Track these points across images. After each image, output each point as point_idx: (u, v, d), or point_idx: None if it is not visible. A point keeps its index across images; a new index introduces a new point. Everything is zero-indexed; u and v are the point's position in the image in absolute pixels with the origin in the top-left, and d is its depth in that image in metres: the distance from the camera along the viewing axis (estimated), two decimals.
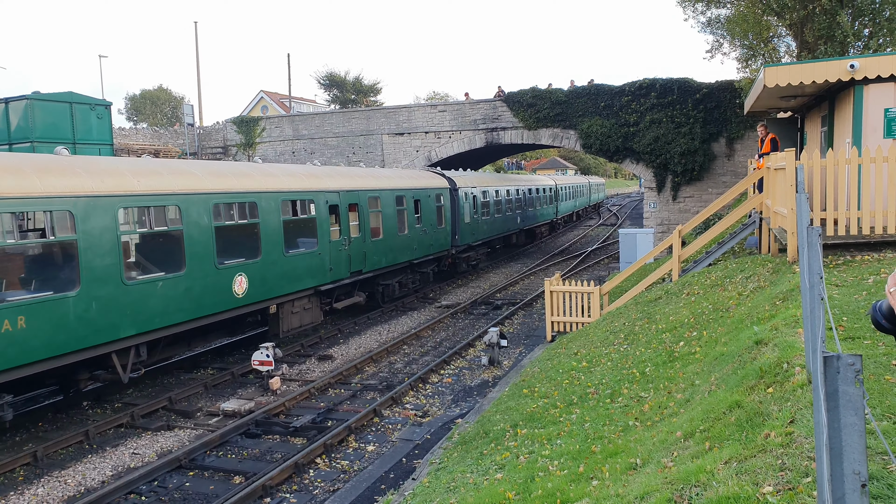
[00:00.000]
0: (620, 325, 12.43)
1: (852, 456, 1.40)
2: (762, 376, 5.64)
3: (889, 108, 10.76)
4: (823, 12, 18.61)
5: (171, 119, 67.37)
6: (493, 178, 30.61)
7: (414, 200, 21.03)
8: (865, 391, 1.50)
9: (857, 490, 1.40)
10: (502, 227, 30.29)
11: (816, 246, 2.96)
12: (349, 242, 17.14)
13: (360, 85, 63.44)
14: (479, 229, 26.58)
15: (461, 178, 25.51)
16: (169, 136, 36.30)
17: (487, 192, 28.00)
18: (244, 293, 13.41)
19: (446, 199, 23.67)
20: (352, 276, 17.47)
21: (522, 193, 33.86)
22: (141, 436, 10.83)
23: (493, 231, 28.62)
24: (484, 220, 27.39)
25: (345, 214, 17.13)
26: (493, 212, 28.73)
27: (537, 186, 37.88)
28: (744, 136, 25.28)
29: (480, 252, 27.81)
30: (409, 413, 11.68)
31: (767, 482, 3.70)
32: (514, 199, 32.02)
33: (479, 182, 27.51)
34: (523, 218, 34.00)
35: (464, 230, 24.76)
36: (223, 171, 13.94)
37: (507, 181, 32.62)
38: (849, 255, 9.68)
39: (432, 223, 22.11)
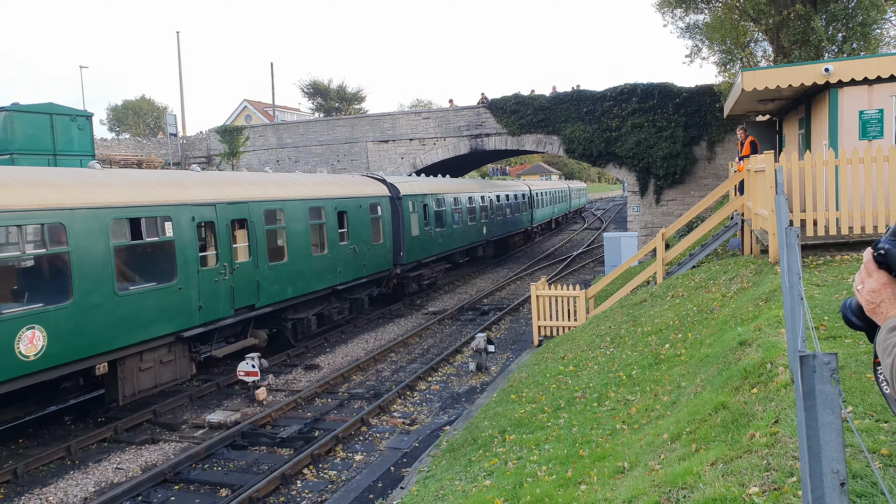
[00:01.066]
0: (606, 328, 12.48)
1: (830, 454, 1.41)
2: (746, 377, 5.69)
3: (863, 111, 10.94)
4: (798, 18, 18.90)
5: (153, 129, 66.92)
6: (450, 183, 27.07)
7: (337, 212, 17.42)
8: (842, 390, 1.51)
9: (837, 489, 1.41)
10: (464, 239, 27.03)
11: (795, 246, 2.99)
12: (231, 270, 13.26)
13: (344, 93, 63.41)
14: (432, 243, 23.17)
15: (407, 185, 22.21)
16: (152, 146, 36.05)
17: (443, 199, 24.86)
18: (39, 353, 9.52)
19: (386, 209, 20.11)
20: (238, 313, 13.68)
21: (489, 201, 30.66)
22: (125, 450, 10.69)
23: (451, 244, 25.40)
24: (439, 232, 23.92)
25: (225, 234, 13.29)
26: (452, 222, 25.49)
27: (508, 193, 34.59)
28: (724, 139, 25.55)
29: (437, 269, 24.59)
30: (397, 421, 11.64)
31: (753, 483, 3.73)
32: (478, 207, 28.81)
33: (431, 188, 24.23)
34: (491, 227, 30.77)
35: (411, 245, 21.23)
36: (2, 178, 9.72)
37: (470, 187, 29.21)
38: (829, 254, 9.80)
39: (365, 239, 18.63)
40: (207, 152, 34.11)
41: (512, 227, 34.80)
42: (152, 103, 75.69)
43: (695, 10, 23.99)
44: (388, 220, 20.28)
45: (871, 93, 11.10)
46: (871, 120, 11.13)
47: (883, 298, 1.42)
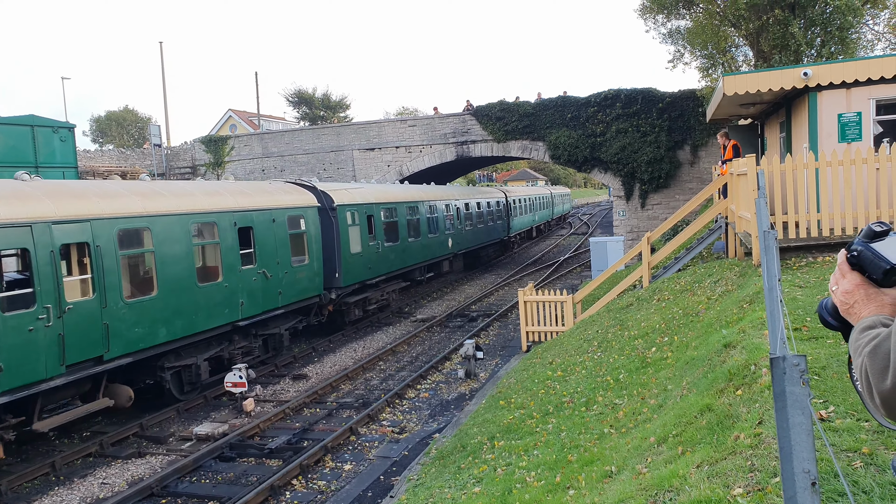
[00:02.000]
0: (594, 332, 12.53)
1: (801, 454, 1.44)
2: (731, 379, 5.73)
3: (842, 114, 11.10)
4: (777, 23, 19.16)
5: (137, 140, 66.55)
6: (406, 191, 24.20)
7: (239, 229, 13.97)
8: (811, 391, 1.54)
9: (808, 488, 1.43)
10: (424, 254, 23.96)
11: (773, 249, 3.04)
12: (59, 313, 9.87)
13: (329, 101, 63.43)
14: (380, 260, 20.12)
15: (345, 192, 18.90)
16: (136, 157, 35.84)
17: (396, 209, 21.80)
18: None
19: (313, 222, 16.84)
20: (75, 369, 10.25)
21: (456, 209, 27.68)
22: (111, 464, 10.58)
23: (407, 260, 22.33)
24: (390, 247, 20.85)
25: (48, 266, 9.77)
26: (407, 235, 22.35)
27: (480, 200, 31.60)
28: (708, 143, 25.80)
29: (389, 289, 21.55)
30: (387, 430, 11.61)
31: (738, 484, 3.76)
32: (441, 217, 25.88)
33: (379, 196, 21.06)
34: (459, 239, 27.94)
35: (351, 264, 18.18)
36: None
37: (433, 194, 26.22)
38: (811, 256, 9.91)
39: (282, 260, 15.27)
40: (192, 162, 33.96)
41: (485, 237, 31.88)
42: (136, 114, 75.25)
43: (676, 15, 24.27)
44: (317, 235, 16.89)
45: (850, 96, 11.27)
46: (850, 123, 11.29)
47: (856, 299, 1.45)
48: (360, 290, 19.27)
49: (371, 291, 20.05)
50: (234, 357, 14.06)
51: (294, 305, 15.99)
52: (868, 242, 1.46)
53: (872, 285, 1.44)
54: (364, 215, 19.41)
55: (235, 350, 14.23)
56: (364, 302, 19.75)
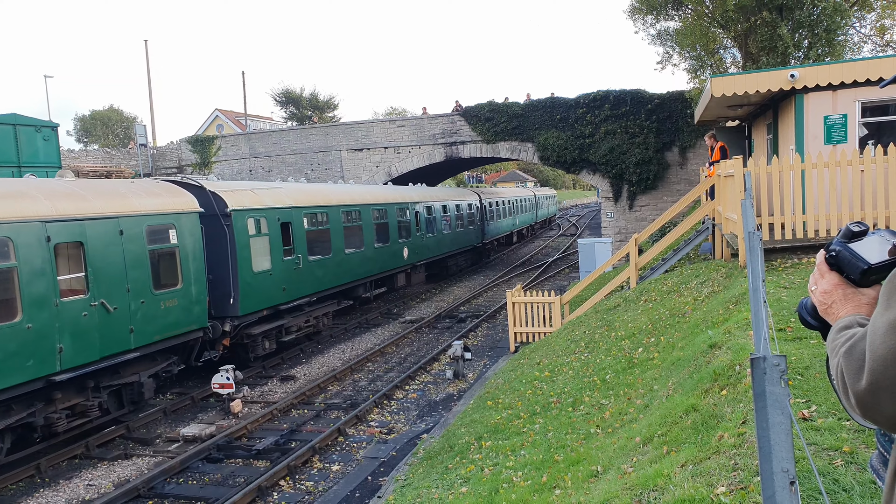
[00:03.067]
0: (581, 333, 12.58)
1: (780, 454, 1.45)
2: (716, 379, 5.77)
3: (828, 116, 11.20)
4: (765, 25, 19.31)
5: (123, 140, 66.06)
6: (338, 191, 19.77)
7: (56, 245, 10.16)
8: (790, 391, 1.55)
9: (786, 487, 1.45)
10: (368, 267, 20.09)
11: (757, 250, 3.06)
12: None
13: (317, 101, 63.25)
14: (300, 279, 16.28)
15: (246, 194, 14.87)
16: (121, 157, 35.57)
17: (326, 214, 17.87)
18: None
19: (191, 233, 12.87)
20: None
21: (415, 214, 24.28)
22: (97, 466, 10.50)
23: (342, 276, 18.43)
24: (316, 262, 17.08)
25: None
26: (343, 246, 18.56)
27: (448, 203, 28.06)
28: (696, 144, 25.95)
29: (317, 313, 17.36)
30: (375, 430, 11.59)
31: (721, 483, 3.79)
32: (394, 224, 22.18)
33: (300, 198, 16.93)
34: (419, 248, 24.41)
35: (252, 287, 14.34)
36: None
37: (382, 196, 22.14)
38: (796, 257, 9.99)
39: (136, 286, 11.49)
40: (179, 162, 33.76)
41: (454, 244, 28.61)
42: (121, 113, 74.70)
43: (665, 17, 24.40)
44: (197, 250, 12.97)
45: (836, 98, 11.36)
46: (836, 125, 11.39)
47: (834, 299, 1.46)
48: (271, 317, 15.42)
49: (289, 317, 16.09)
50: (57, 422, 10.34)
51: (159, 345, 12.11)
52: (846, 243, 1.48)
53: (850, 285, 1.46)
54: (276, 223, 15.46)
55: (58, 412, 10.38)
56: (279, 331, 15.73)
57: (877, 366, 1.16)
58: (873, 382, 1.16)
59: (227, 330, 13.82)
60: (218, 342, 13.99)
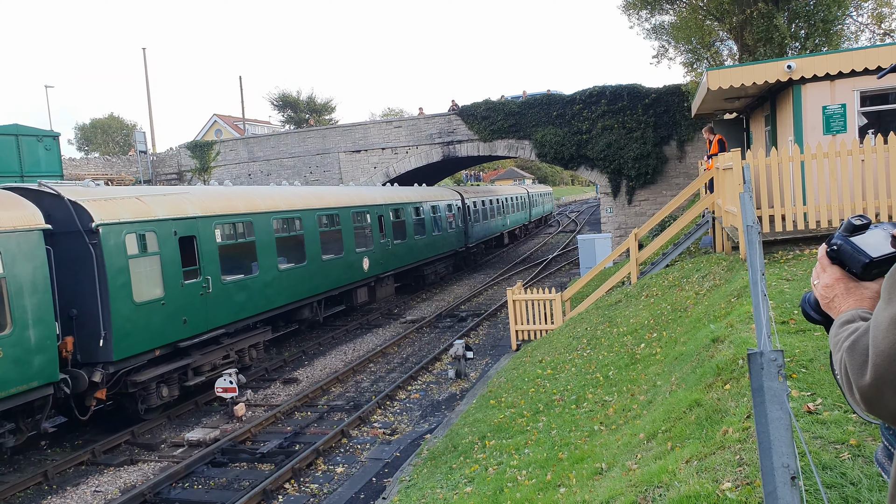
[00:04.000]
0: (583, 330, 12.55)
1: (780, 449, 1.43)
2: (719, 373, 5.75)
3: (826, 106, 11.17)
4: (761, 16, 19.28)
5: (123, 147, 66.12)
6: (274, 195, 16.46)
7: None
8: (788, 385, 1.53)
9: (787, 482, 1.43)
10: (312, 285, 17.04)
11: (756, 243, 3.05)
12: None
13: (314, 104, 63.22)
14: (209, 306, 13.11)
15: (125, 203, 11.76)
16: (122, 164, 35.57)
17: (249, 225, 14.77)
18: None
19: (26, 259, 9.90)
20: None
21: (378, 218, 21.22)
22: (103, 472, 10.49)
23: (273, 299, 15.39)
24: (234, 283, 13.93)
25: None
26: (274, 262, 15.42)
27: (422, 204, 25.18)
28: (694, 138, 25.91)
29: (242, 345, 14.33)
30: (378, 432, 11.58)
31: (726, 478, 3.76)
32: (349, 230, 19.12)
33: (209, 205, 13.73)
34: (385, 256, 21.27)
35: (132, 322, 11.34)
36: None
37: (328, 199, 18.62)
38: (797, 249, 9.96)
39: None
40: (178, 168, 33.76)
41: (430, 250, 25.82)
42: (121, 121, 74.75)
43: (660, 11, 24.40)
44: (40, 280, 10.03)
45: (834, 88, 11.32)
46: (835, 115, 11.35)
47: (836, 293, 1.45)
48: (169, 358, 12.36)
49: (198, 355, 12.99)
50: None
51: None
52: (848, 236, 1.46)
53: (852, 279, 1.44)
54: (171, 238, 12.29)
55: None
56: (181, 374, 12.67)
57: (880, 360, 1.14)
58: (877, 377, 1.15)
59: (96, 380, 10.67)
60: (88, 396, 10.90)
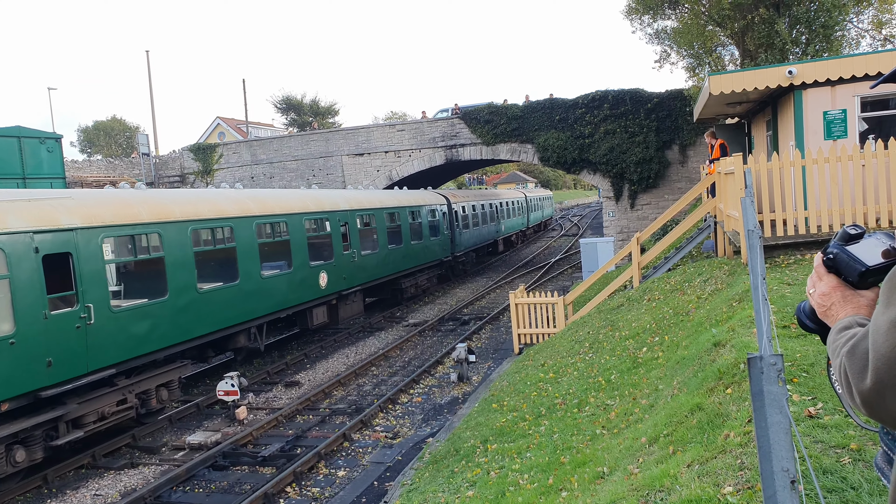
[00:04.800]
0: (585, 333, 12.55)
1: (780, 453, 1.44)
2: (721, 377, 5.75)
3: (827, 111, 11.18)
4: (762, 21, 19.31)
5: (126, 150, 66.29)
6: (185, 199, 13.35)
7: None
8: (787, 390, 1.55)
9: (787, 487, 1.44)
10: (245, 308, 14.07)
11: (757, 248, 3.06)
12: None
13: (318, 107, 63.39)
14: (88, 344, 10.22)
15: None
16: (124, 166, 35.67)
17: (157, 237, 12.03)
18: None
19: None
20: None
21: (340, 227, 18.51)
22: (103, 476, 10.51)
23: (191, 326, 12.45)
24: (129, 311, 11.21)
25: None
26: (186, 283, 12.37)
27: (398, 210, 22.51)
28: (696, 142, 25.92)
29: (147, 385, 11.76)
30: (380, 435, 11.58)
31: (728, 482, 3.77)
32: (301, 242, 16.37)
33: (95, 213, 10.76)
34: (350, 270, 18.68)
35: None
36: None
37: (264, 204, 15.46)
38: (799, 253, 9.97)
39: None
40: (181, 171, 33.83)
41: (408, 261, 23.15)
42: (124, 123, 74.98)
43: (662, 16, 24.43)
44: None
45: (835, 93, 11.35)
46: (835, 120, 11.37)
47: (833, 301, 1.46)
48: (29, 410, 9.59)
49: (74, 403, 10.16)
50: None
51: None
52: (843, 245, 1.48)
53: (849, 287, 1.45)
54: (31, 256, 9.43)
55: None
56: (50, 430, 9.97)
57: (881, 364, 1.15)
58: (878, 381, 1.16)
59: None
60: None
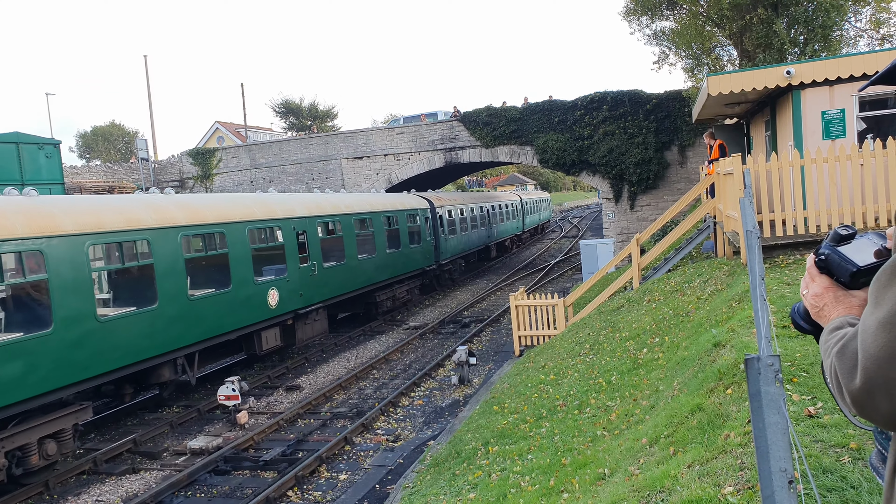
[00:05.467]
0: (585, 335, 12.56)
1: (778, 454, 1.45)
2: (721, 378, 5.76)
3: (826, 111, 11.20)
4: (760, 22, 19.34)
5: (125, 155, 66.33)
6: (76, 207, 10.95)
7: None
8: (784, 391, 1.56)
9: (785, 487, 1.45)
10: (170, 335, 12.09)
11: (755, 248, 3.07)
12: None
13: (316, 111, 63.44)
14: None
15: None
16: (123, 171, 35.70)
17: (35, 256, 9.72)
18: None
19: None
20: None
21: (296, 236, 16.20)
22: (105, 481, 10.50)
23: (92, 361, 10.44)
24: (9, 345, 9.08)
25: None
26: (82, 312, 10.25)
27: (368, 215, 20.11)
28: (695, 143, 25.94)
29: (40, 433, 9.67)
30: (381, 438, 11.58)
31: (728, 483, 3.78)
32: (240, 256, 14.12)
33: None
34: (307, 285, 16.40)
35: None
36: None
37: (193, 212, 13.26)
38: (798, 253, 9.97)
39: None
40: (180, 175, 33.86)
41: (384, 271, 20.83)
42: (122, 128, 75.04)
43: (660, 17, 24.46)
44: None
45: (833, 93, 11.37)
46: (834, 120, 11.39)
47: (826, 302, 1.47)
48: None
49: None
50: None
51: None
52: (835, 246, 1.48)
53: (841, 288, 1.46)
54: None
55: None
56: None
57: (870, 364, 1.16)
58: (867, 381, 1.16)
59: None
60: None
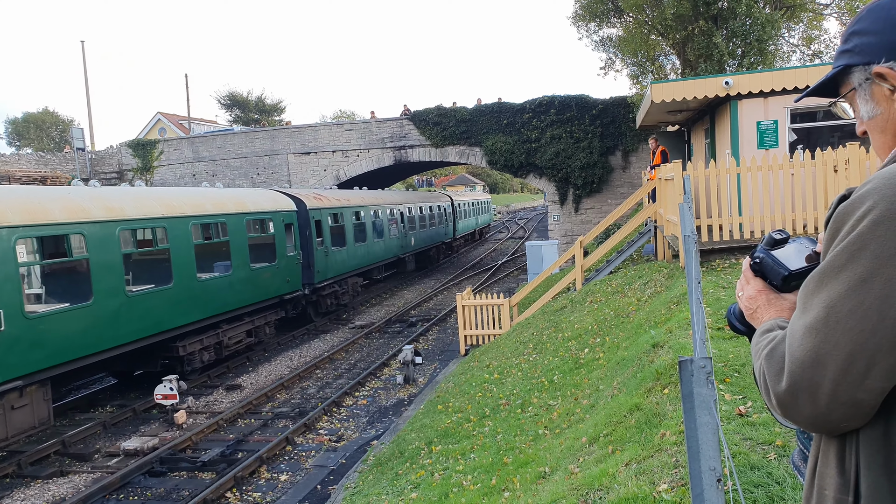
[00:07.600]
0: (529, 335, 12.72)
1: (708, 453, 1.50)
2: (658, 378, 5.92)
3: (761, 121, 11.66)
4: (701, 33, 19.99)
5: (59, 144, 63.56)
6: None
7: None
8: (719, 391, 1.61)
9: (714, 485, 1.50)
10: None
11: (693, 253, 3.16)
12: None
13: (263, 104, 62.24)
14: None
15: None
16: (57, 161, 34.18)
17: None
18: None
19: None
20: None
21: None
22: (29, 485, 10.03)
23: None
24: None
25: None
26: None
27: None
28: (638, 148, 26.60)
29: None
30: (324, 438, 11.45)
31: (663, 480, 3.88)
32: None
33: None
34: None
35: None
36: None
37: None
38: (734, 257, 10.34)
39: None
40: (119, 167, 32.68)
41: (193, 309, 14.22)
42: (57, 116, 71.83)
43: (608, 24, 25.00)
44: None
45: (767, 105, 11.85)
46: (768, 130, 11.87)
47: (759, 304, 1.51)
48: None
49: None
50: None
51: None
52: (769, 250, 1.53)
53: (774, 291, 1.51)
54: None
55: None
56: None
57: (795, 368, 1.20)
58: (792, 384, 1.20)
59: None
60: None
